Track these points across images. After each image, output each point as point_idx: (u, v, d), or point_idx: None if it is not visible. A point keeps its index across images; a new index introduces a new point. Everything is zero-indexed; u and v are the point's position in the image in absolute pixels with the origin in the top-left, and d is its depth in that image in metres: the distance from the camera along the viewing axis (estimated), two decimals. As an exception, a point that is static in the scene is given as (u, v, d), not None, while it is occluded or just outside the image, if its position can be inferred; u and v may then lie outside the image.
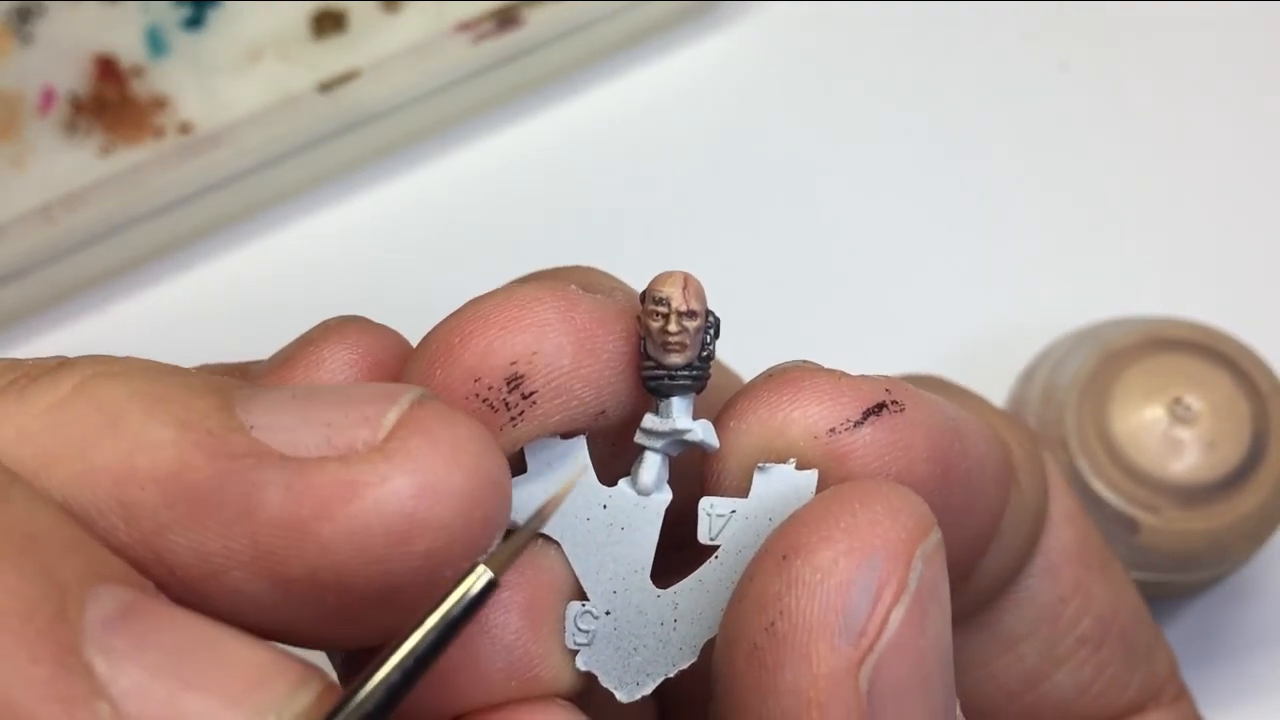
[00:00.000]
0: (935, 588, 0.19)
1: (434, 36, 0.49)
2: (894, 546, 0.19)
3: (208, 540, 0.18)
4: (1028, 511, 0.26)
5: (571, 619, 0.22)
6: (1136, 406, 0.39)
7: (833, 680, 0.18)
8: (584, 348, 0.21)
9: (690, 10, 0.53)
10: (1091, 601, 0.27)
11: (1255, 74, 0.52)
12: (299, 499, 0.18)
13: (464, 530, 0.18)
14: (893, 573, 0.19)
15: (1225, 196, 0.50)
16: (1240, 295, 0.48)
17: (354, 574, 0.18)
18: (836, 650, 0.18)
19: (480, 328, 0.21)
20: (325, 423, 0.18)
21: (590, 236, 0.50)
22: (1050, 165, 0.51)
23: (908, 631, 0.19)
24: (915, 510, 0.20)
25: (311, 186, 0.50)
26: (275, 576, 0.18)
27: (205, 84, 0.50)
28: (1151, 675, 0.29)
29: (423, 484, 0.18)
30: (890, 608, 0.19)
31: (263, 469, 0.18)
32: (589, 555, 0.22)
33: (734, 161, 0.51)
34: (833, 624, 0.19)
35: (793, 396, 0.21)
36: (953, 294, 0.49)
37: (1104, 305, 0.44)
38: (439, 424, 0.19)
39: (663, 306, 0.21)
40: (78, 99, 0.49)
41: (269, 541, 0.18)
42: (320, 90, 0.48)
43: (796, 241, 0.50)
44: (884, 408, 0.21)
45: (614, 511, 0.22)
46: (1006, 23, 0.53)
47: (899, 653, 0.19)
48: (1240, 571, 0.42)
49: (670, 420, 0.21)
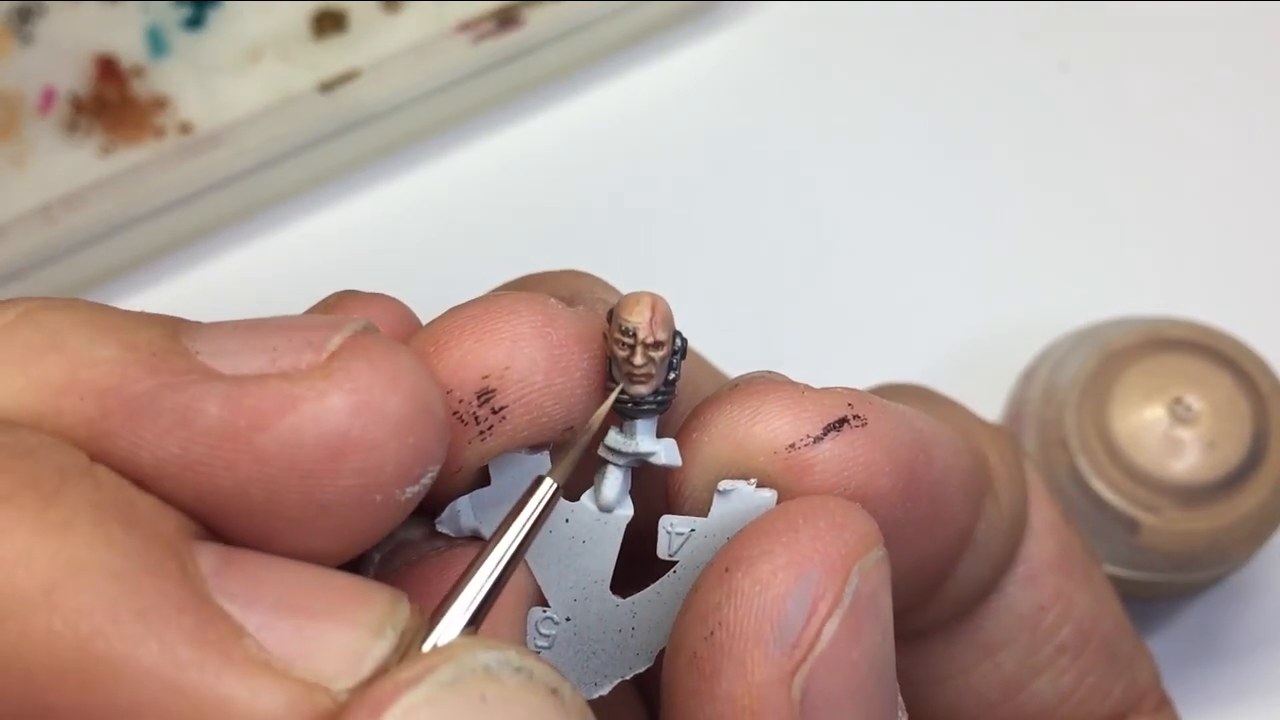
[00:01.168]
0: (872, 602, 0.20)
1: (434, 36, 0.49)
2: (831, 561, 0.19)
3: (140, 450, 0.18)
4: (1005, 521, 0.26)
5: (533, 624, 0.22)
6: (1137, 406, 0.39)
7: (766, 689, 0.19)
8: (557, 365, 0.21)
9: (690, 10, 0.53)
10: (1072, 610, 0.27)
11: (1255, 74, 0.52)
12: (236, 409, 0.18)
13: (397, 453, 0.19)
14: (828, 586, 0.19)
15: (1225, 196, 0.50)
16: (1240, 295, 0.48)
17: (284, 490, 0.18)
18: (770, 660, 0.19)
19: (455, 338, 0.21)
20: (270, 347, 0.19)
21: (590, 236, 0.50)
22: (1050, 165, 0.51)
23: (841, 643, 0.19)
24: (858, 526, 0.20)
25: (311, 186, 0.50)
26: (203, 489, 0.18)
27: (205, 84, 0.50)
28: (1133, 685, 0.29)
29: (360, 402, 0.18)
30: (824, 620, 0.19)
31: (204, 384, 0.18)
32: (551, 565, 0.22)
33: (734, 161, 0.51)
34: (767, 634, 0.19)
35: (754, 410, 0.21)
36: (953, 294, 0.49)
37: (1104, 305, 0.44)
38: (381, 351, 0.19)
39: (629, 337, 0.21)
40: (78, 99, 0.49)
41: (201, 452, 0.18)
42: (320, 90, 0.48)
43: (796, 241, 0.50)
44: (845, 422, 0.21)
45: (576, 525, 0.22)
46: (1006, 23, 0.53)
47: (832, 664, 0.19)
48: (1240, 572, 0.42)
49: (634, 442, 0.21)
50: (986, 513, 0.25)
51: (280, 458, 0.18)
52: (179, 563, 0.17)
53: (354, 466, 0.18)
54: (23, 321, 0.18)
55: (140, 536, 0.17)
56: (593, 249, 0.49)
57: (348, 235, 0.50)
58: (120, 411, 0.18)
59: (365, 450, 0.18)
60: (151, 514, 0.18)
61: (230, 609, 0.17)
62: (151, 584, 0.17)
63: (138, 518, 0.17)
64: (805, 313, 0.48)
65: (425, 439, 0.19)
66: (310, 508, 0.19)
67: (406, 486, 0.19)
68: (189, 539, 0.18)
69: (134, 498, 0.18)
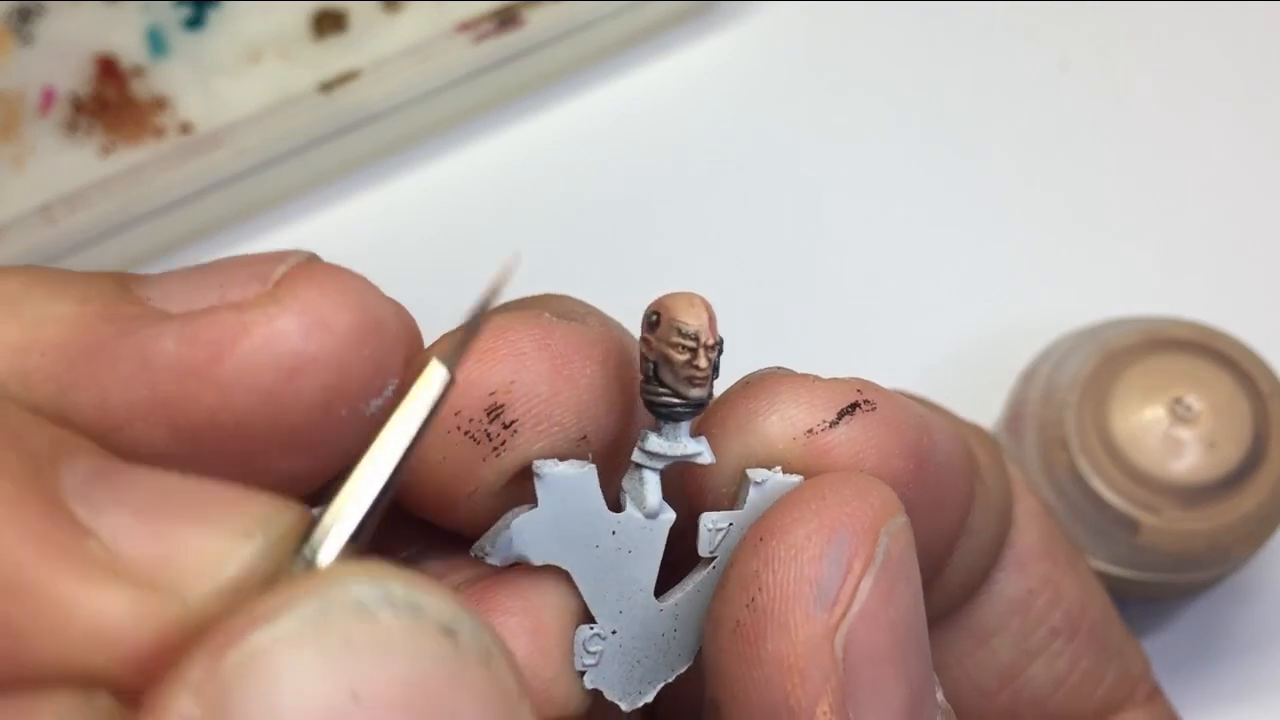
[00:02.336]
0: (902, 564, 0.20)
1: (434, 36, 0.49)
2: (861, 523, 0.20)
3: (109, 395, 0.18)
4: (993, 509, 0.27)
5: (580, 644, 0.22)
6: (1137, 406, 0.39)
7: (810, 646, 0.19)
8: (561, 374, 0.21)
9: (690, 10, 0.53)
10: (1060, 595, 0.28)
11: (1255, 74, 0.52)
12: (192, 344, 0.19)
13: (354, 366, 0.19)
14: (861, 546, 0.20)
15: (1225, 196, 0.50)
16: (1240, 295, 0.48)
17: (251, 414, 0.19)
18: (812, 618, 0.20)
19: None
20: (218, 284, 0.20)
21: (590, 236, 0.50)
22: (1050, 165, 0.51)
23: (877, 601, 0.20)
24: (881, 493, 0.21)
25: (311, 186, 0.50)
26: (176, 424, 0.19)
27: (205, 84, 0.50)
28: (1125, 673, 0.29)
29: (310, 321, 0.19)
30: (860, 577, 0.20)
31: (158, 325, 0.19)
32: (597, 580, 0.22)
33: (734, 161, 0.51)
34: (807, 594, 0.20)
35: (770, 402, 0.22)
36: (953, 294, 0.49)
37: (1104, 305, 0.44)
38: (325, 273, 0.20)
39: (690, 341, 0.21)
40: (78, 99, 0.49)
41: (166, 389, 0.19)
42: (320, 90, 0.48)
43: (796, 241, 0.50)
44: (857, 407, 0.22)
45: (623, 536, 0.22)
46: (1006, 23, 0.53)
47: (870, 621, 0.20)
48: (1241, 572, 0.42)
49: (679, 444, 0.22)
50: (977, 499, 0.26)
51: (241, 384, 0.19)
52: (32, 470, 0.17)
53: (313, 384, 0.19)
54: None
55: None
56: (592, 249, 0.49)
57: (347, 235, 0.50)
58: (83, 362, 0.18)
59: (321, 367, 0.19)
60: (21, 429, 0.17)
61: (82, 514, 0.16)
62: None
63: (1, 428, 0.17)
64: (805, 313, 0.48)
65: (379, 351, 0.20)
66: (280, 429, 0.19)
67: (370, 399, 0.20)
68: (62, 455, 0.17)
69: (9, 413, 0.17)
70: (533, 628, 0.21)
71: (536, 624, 0.21)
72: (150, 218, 0.47)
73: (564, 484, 0.21)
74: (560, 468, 0.21)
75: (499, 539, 0.21)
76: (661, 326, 0.21)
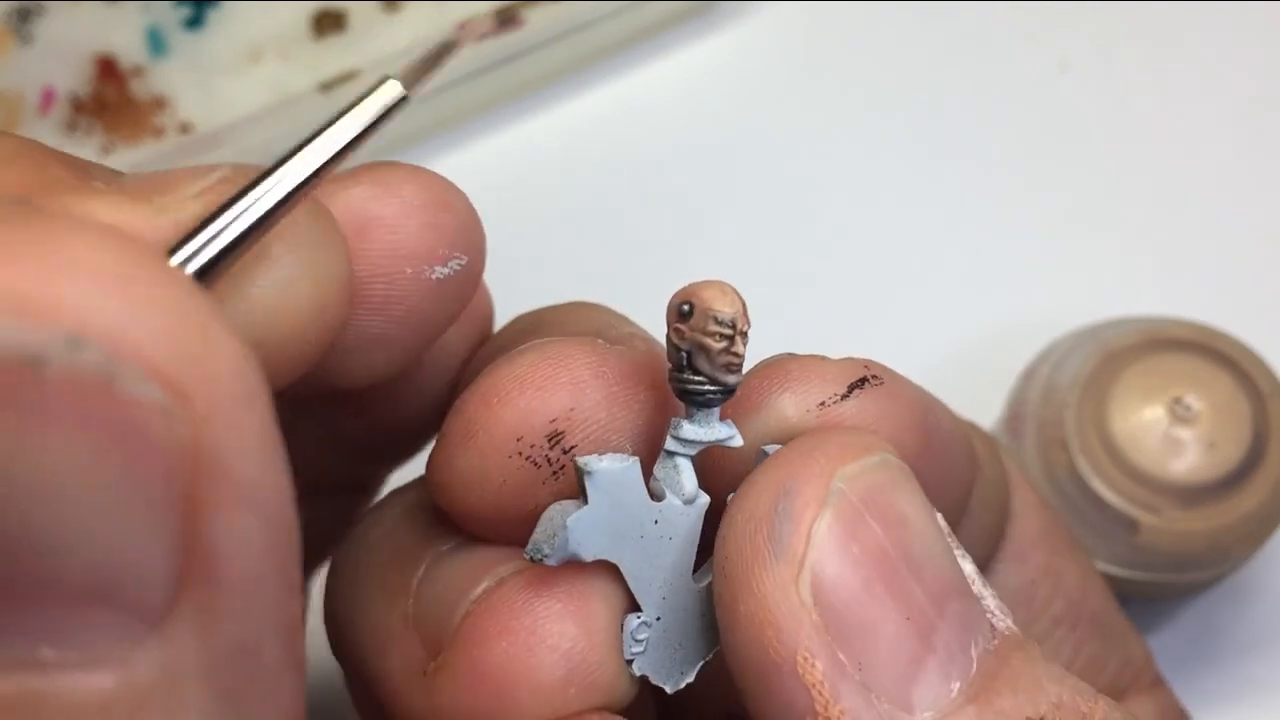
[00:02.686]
0: (868, 499, 0.21)
1: (434, 36, 0.49)
2: (809, 471, 0.21)
3: None
4: (991, 496, 0.27)
5: (629, 634, 0.22)
6: (1137, 406, 0.39)
7: (774, 598, 0.20)
8: (617, 400, 0.22)
9: (690, 10, 0.53)
10: (1061, 583, 0.28)
11: (1255, 74, 0.52)
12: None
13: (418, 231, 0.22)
14: (810, 495, 0.21)
15: (1225, 196, 0.50)
16: (1240, 295, 0.48)
17: None
18: (772, 572, 0.20)
19: (519, 389, 0.22)
20: None
21: (590, 235, 0.50)
22: (1050, 165, 0.51)
23: (836, 541, 0.20)
24: (839, 440, 0.21)
25: (311, 186, 0.50)
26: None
27: (205, 84, 0.49)
28: (1128, 660, 0.29)
29: (380, 190, 0.22)
30: (810, 524, 0.20)
31: None
32: (643, 570, 0.22)
33: (734, 161, 0.51)
34: (763, 551, 0.20)
35: (783, 380, 0.23)
36: (953, 294, 0.49)
37: (1104, 305, 0.44)
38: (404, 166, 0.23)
39: (727, 328, 0.21)
40: (78, 99, 0.49)
41: None
42: (320, 90, 0.48)
43: (796, 241, 0.50)
44: (865, 382, 0.23)
45: (664, 524, 0.22)
46: (1006, 23, 0.53)
47: (835, 561, 0.20)
48: (1240, 572, 0.42)
49: (713, 429, 0.22)
50: (977, 484, 0.26)
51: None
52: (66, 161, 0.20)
53: (380, 241, 0.22)
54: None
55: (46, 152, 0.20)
56: (592, 248, 0.49)
57: (348, 235, 0.50)
58: None
59: (386, 227, 0.22)
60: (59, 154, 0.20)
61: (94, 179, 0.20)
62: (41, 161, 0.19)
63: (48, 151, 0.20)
64: (804, 313, 0.48)
65: (444, 221, 0.23)
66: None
67: (435, 264, 0.22)
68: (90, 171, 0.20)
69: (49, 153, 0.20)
70: (579, 612, 0.22)
71: (582, 608, 0.22)
72: (150, 218, 0.47)
73: (612, 479, 0.22)
74: (605, 462, 0.22)
75: (556, 540, 0.21)
76: (695, 316, 0.22)
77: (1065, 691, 0.21)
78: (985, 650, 0.21)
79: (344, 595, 0.25)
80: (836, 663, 0.20)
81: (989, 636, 0.21)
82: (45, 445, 0.14)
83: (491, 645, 0.22)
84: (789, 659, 0.20)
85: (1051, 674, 0.21)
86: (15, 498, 0.14)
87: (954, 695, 0.20)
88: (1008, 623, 0.22)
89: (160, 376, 0.14)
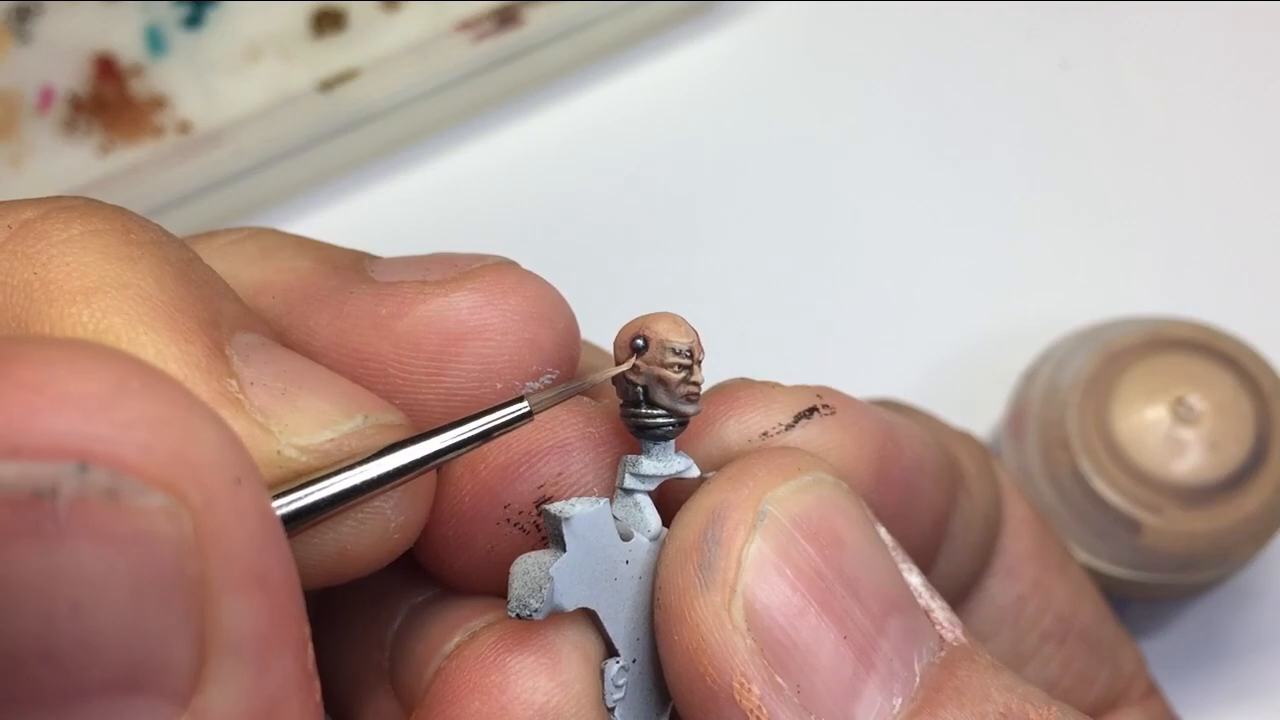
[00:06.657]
0: (802, 520, 0.21)
1: (434, 36, 0.49)
2: (736, 497, 0.21)
3: (312, 338, 0.22)
4: (979, 516, 0.27)
5: (609, 680, 0.22)
6: (1139, 407, 0.39)
7: (707, 626, 0.20)
8: (603, 459, 0.22)
9: (690, 10, 0.52)
10: (1051, 599, 0.28)
11: (1256, 73, 0.52)
12: (380, 300, 0.22)
13: (514, 346, 0.22)
14: (738, 519, 0.20)
15: (1226, 196, 0.50)
16: (1242, 295, 0.48)
17: (417, 371, 0.21)
18: (703, 599, 0.20)
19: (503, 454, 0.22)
20: (425, 268, 0.22)
21: (589, 235, 0.50)
22: (1051, 164, 0.51)
23: (766, 564, 0.20)
24: (770, 461, 0.21)
25: (311, 186, 0.50)
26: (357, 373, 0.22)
27: (205, 83, 0.49)
28: (1119, 672, 0.29)
29: (482, 299, 0.22)
30: (740, 548, 0.20)
31: (362, 284, 0.22)
32: (618, 612, 0.22)
33: (734, 161, 0.51)
34: (694, 578, 0.20)
35: (728, 409, 0.23)
36: (954, 294, 0.48)
37: (1105, 305, 0.43)
38: (512, 269, 0.22)
39: (685, 358, 0.21)
40: (77, 98, 0.49)
41: (354, 337, 0.22)
42: (320, 90, 0.48)
43: (797, 242, 0.50)
44: (815, 411, 0.23)
45: (635, 564, 0.22)
46: (1008, 22, 0.53)
47: (765, 583, 0.20)
48: (1242, 572, 0.42)
49: (670, 463, 0.22)
50: (960, 506, 0.26)
51: (411, 341, 0.21)
52: (214, 318, 0.20)
53: (474, 352, 0.22)
54: (250, 238, 0.23)
55: (188, 289, 0.20)
56: (592, 248, 0.49)
57: (347, 233, 0.49)
58: (298, 306, 0.22)
59: (483, 338, 0.22)
60: (218, 292, 0.20)
61: (235, 360, 0.19)
62: (178, 322, 0.19)
63: (203, 287, 0.20)
64: (806, 312, 0.48)
65: (542, 337, 0.22)
66: (440, 390, 0.22)
67: (526, 380, 0.22)
68: (245, 323, 0.20)
69: (208, 275, 0.20)
70: (550, 666, 0.22)
71: (553, 662, 0.22)
72: (149, 217, 0.47)
73: (587, 524, 0.21)
74: (579, 507, 0.21)
75: (543, 593, 0.21)
76: (651, 348, 0.21)
77: (1014, 700, 0.20)
78: (930, 663, 0.21)
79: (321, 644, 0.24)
80: (774, 686, 0.20)
81: (935, 649, 0.21)
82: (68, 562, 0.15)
83: (464, 704, 0.21)
84: (725, 685, 0.20)
85: (1001, 682, 0.21)
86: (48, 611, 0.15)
87: (896, 711, 0.20)
88: (956, 633, 0.21)
89: (156, 481, 0.15)
